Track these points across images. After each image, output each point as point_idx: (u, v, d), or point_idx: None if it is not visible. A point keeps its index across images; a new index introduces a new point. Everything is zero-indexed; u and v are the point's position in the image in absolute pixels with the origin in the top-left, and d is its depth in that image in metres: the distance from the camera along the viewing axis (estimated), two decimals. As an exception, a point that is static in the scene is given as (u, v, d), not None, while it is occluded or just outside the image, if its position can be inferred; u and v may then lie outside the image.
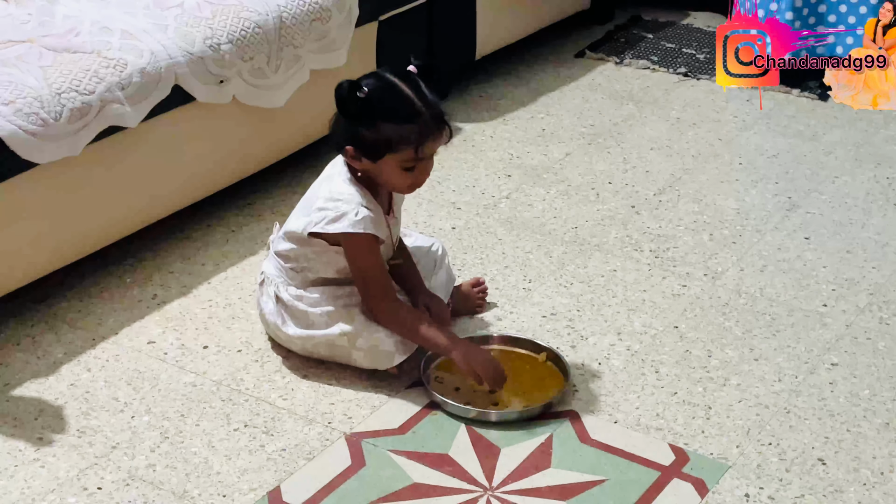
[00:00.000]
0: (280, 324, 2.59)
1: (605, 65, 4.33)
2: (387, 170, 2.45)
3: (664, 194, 3.39)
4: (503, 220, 3.24)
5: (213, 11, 3.02)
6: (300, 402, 2.50)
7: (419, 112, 2.40)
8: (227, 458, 2.34)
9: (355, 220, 2.44)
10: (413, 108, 2.40)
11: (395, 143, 2.40)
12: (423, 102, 2.41)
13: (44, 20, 2.88)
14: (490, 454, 2.35)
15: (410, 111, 2.40)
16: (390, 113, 2.40)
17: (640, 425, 2.43)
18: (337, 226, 2.45)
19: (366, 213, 2.45)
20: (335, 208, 2.46)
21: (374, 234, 2.46)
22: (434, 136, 2.43)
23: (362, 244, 2.47)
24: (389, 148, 2.40)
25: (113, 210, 2.90)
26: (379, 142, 2.41)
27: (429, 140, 2.42)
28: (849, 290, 2.90)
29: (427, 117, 2.40)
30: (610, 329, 2.75)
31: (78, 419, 2.45)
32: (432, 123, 2.42)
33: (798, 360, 2.64)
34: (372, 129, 2.40)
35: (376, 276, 2.50)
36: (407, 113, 2.39)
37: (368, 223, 2.45)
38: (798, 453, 2.35)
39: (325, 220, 2.46)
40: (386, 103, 2.40)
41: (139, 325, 2.77)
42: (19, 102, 2.58)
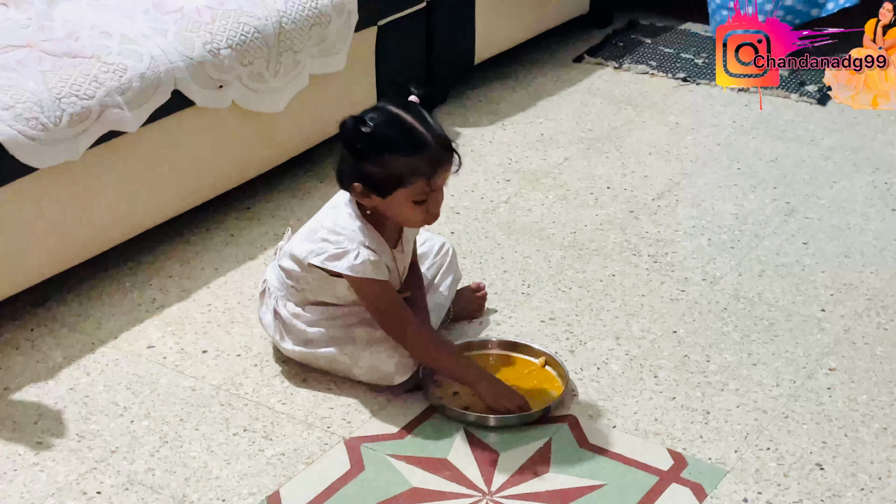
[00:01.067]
0: (279, 338, 2.59)
1: (604, 69, 4.33)
2: (397, 204, 2.39)
3: (663, 199, 3.38)
4: (502, 225, 3.24)
5: (212, 16, 3.02)
6: (299, 407, 2.50)
7: (427, 143, 2.34)
8: (226, 462, 2.34)
9: (354, 262, 2.40)
10: (421, 138, 2.34)
11: (405, 176, 2.34)
12: (430, 132, 2.35)
13: (43, 24, 2.87)
14: (489, 459, 2.35)
15: (418, 142, 2.34)
16: (397, 145, 2.34)
17: (639, 430, 2.43)
18: (336, 265, 2.41)
19: (366, 257, 2.40)
20: (337, 243, 2.43)
21: (374, 277, 2.42)
22: (444, 165, 2.37)
23: (367, 286, 2.44)
24: (400, 182, 2.35)
25: (112, 214, 2.90)
26: (388, 176, 2.35)
27: (440, 170, 2.37)
28: (847, 295, 2.90)
29: (435, 147, 2.35)
30: (608, 334, 2.75)
31: (77, 423, 2.45)
32: (441, 152, 2.36)
33: (796, 364, 2.63)
34: (380, 164, 2.35)
35: (389, 310, 2.46)
36: (415, 144, 2.34)
37: (368, 268, 2.41)
38: (796, 458, 2.34)
39: (326, 255, 2.43)
40: (392, 136, 2.34)
41: (138, 329, 2.77)
42: (19, 107, 2.58)
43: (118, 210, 2.91)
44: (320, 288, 2.53)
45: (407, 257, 2.59)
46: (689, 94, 4.13)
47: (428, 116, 2.39)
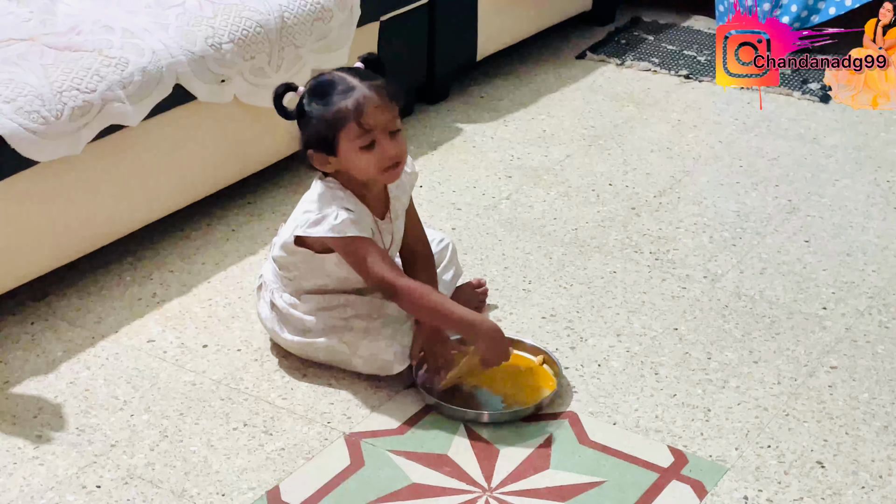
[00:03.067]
0: (277, 330, 2.59)
1: (606, 66, 4.33)
2: (347, 157, 2.42)
3: (664, 196, 3.38)
4: (503, 222, 3.24)
5: (214, 10, 3.02)
6: (299, 402, 2.50)
7: (353, 86, 2.38)
8: (226, 457, 2.34)
9: (335, 223, 2.41)
10: (346, 84, 2.39)
11: (335, 122, 2.38)
12: (359, 77, 2.40)
13: (45, 18, 2.88)
14: (489, 455, 2.35)
15: (344, 88, 2.39)
16: (326, 97, 2.39)
17: (640, 427, 2.42)
18: (317, 229, 2.43)
19: (345, 216, 2.42)
20: (317, 210, 2.45)
21: (357, 235, 2.43)
22: (375, 104, 2.38)
23: (351, 245, 2.44)
24: (334, 129, 2.39)
25: (113, 208, 2.90)
26: (325, 129, 2.40)
27: (369, 108, 2.38)
28: (848, 294, 2.90)
29: (363, 88, 2.38)
30: (609, 330, 2.75)
31: (77, 417, 2.45)
32: (369, 92, 2.38)
33: (797, 362, 2.63)
34: (315, 118, 2.40)
35: (374, 264, 2.44)
36: (341, 90, 2.39)
37: (349, 225, 2.42)
38: (797, 456, 2.34)
39: (307, 224, 2.45)
40: (317, 88, 2.42)
41: (139, 323, 2.77)
42: (20, 101, 2.59)
43: (119, 204, 2.91)
44: (310, 270, 2.53)
45: (399, 229, 2.59)
46: (691, 91, 4.12)
47: (365, 71, 2.44)
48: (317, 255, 2.51)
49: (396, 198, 2.58)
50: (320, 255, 2.50)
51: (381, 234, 2.54)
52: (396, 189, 2.58)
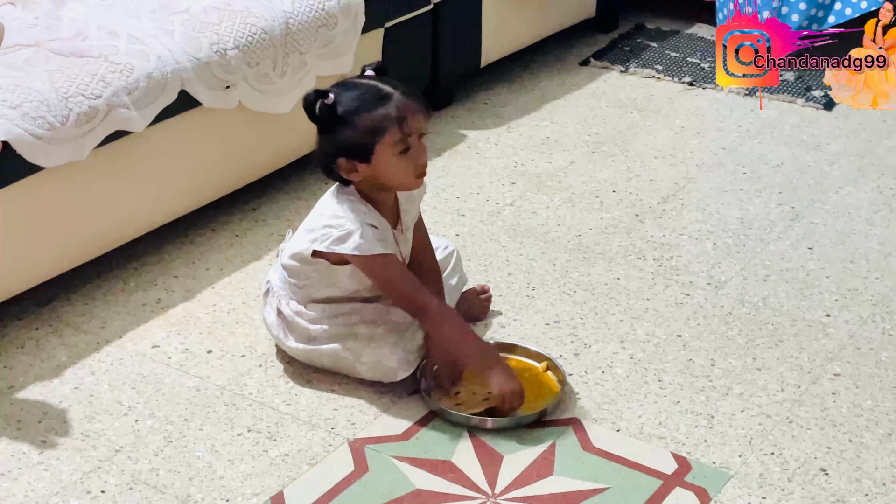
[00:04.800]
0: (282, 337, 2.59)
1: (610, 73, 4.32)
2: (383, 163, 2.42)
3: (668, 203, 3.38)
4: (507, 228, 3.24)
5: (219, 17, 3.02)
6: (303, 408, 2.50)
7: (389, 93, 2.40)
8: (230, 462, 2.34)
9: (360, 242, 2.41)
10: (382, 90, 2.41)
11: (378, 128, 2.38)
12: (389, 85, 2.42)
13: (50, 24, 2.87)
14: (493, 461, 2.35)
15: (381, 93, 2.40)
16: (362, 103, 2.40)
17: (643, 434, 2.43)
18: (343, 247, 2.43)
19: (371, 234, 2.42)
20: (340, 226, 2.44)
21: (383, 252, 2.44)
22: (413, 109, 2.41)
23: (377, 264, 2.45)
24: (375, 136, 2.39)
25: (117, 214, 2.90)
26: (363, 135, 2.39)
27: (409, 113, 2.40)
28: (852, 301, 2.90)
29: (398, 94, 2.40)
30: (613, 337, 2.75)
31: (82, 422, 2.45)
32: (407, 98, 2.41)
33: (801, 369, 2.63)
34: (352, 127, 2.40)
35: (402, 284, 2.47)
36: (378, 96, 2.40)
37: (374, 244, 2.43)
38: (800, 463, 2.34)
39: (331, 239, 2.44)
40: (355, 97, 2.41)
41: (143, 328, 2.77)
42: (26, 106, 2.58)
43: (124, 210, 2.91)
44: (322, 280, 2.53)
45: (408, 241, 2.60)
46: (694, 98, 4.12)
47: (387, 79, 2.46)
48: (332, 266, 2.51)
49: (406, 210, 2.59)
50: (334, 266, 2.50)
51: (399, 246, 2.55)
52: (406, 201, 2.58)
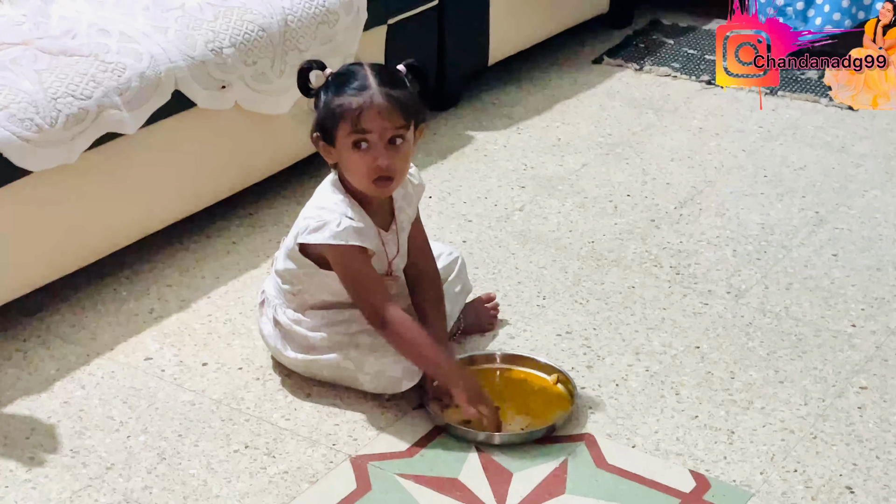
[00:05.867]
0: (280, 348, 2.57)
1: (624, 71, 4.33)
2: (343, 154, 2.41)
3: (685, 207, 3.36)
4: (516, 234, 3.22)
5: (215, 13, 3.02)
6: (303, 423, 2.48)
7: (367, 86, 2.37)
8: (226, 480, 2.32)
9: (336, 230, 2.40)
10: (364, 81, 2.38)
11: (335, 114, 2.38)
12: (380, 80, 2.39)
13: (39, 21, 2.88)
14: (502, 479, 2.32)
15: (360, 84, 2.37)
16: (338, 86, 2.39)
17: (660, 450, 2.40)
18: (317, 236, 2.42)
19: (349, 224, 2.41)
20: (317, 217, 2.44)
21: (359, 244, 2.42)
22: (380, 109, 2.36)
23: (347, 255, 2.43)
24: (334, 120, 2.39)
25: (109, 220, 2.90)
26: (325, 117, 2.41)
27: (370, 110, 2.36)
28: (878, 310, 2.87)
29: (375, 90, 2.37)
30: (628, 349, 2.72)
31: (71, 438, 2.43)
32: (380, 97, 2.37)
33: (825, 382, 2.60)
34: (323, 105, 2.42)
35: (367, 286, 2.45)
36: (356, 85, 2.38)
37: (351, 234, 2.41)
38: (825, 481, 2.31)
39: (308, 230, 2.44)
40: (337, 78, 2.42)
41: (135, 340, 2.76)
42: (13, 107, 2.58)
43: (115, 215, 2.91)
44: (314, 284, 2.52)
45: (401, 244, 2.57)
46: (713, 97, 4.12)
47: (395, 75, 2.42)
48: (321, 270, 2.49)
49: (402, 209, 2.57)
50: (323, 271, 2.49)
51: (386, 246, 2.53)
52: (402, 200, 2.57)
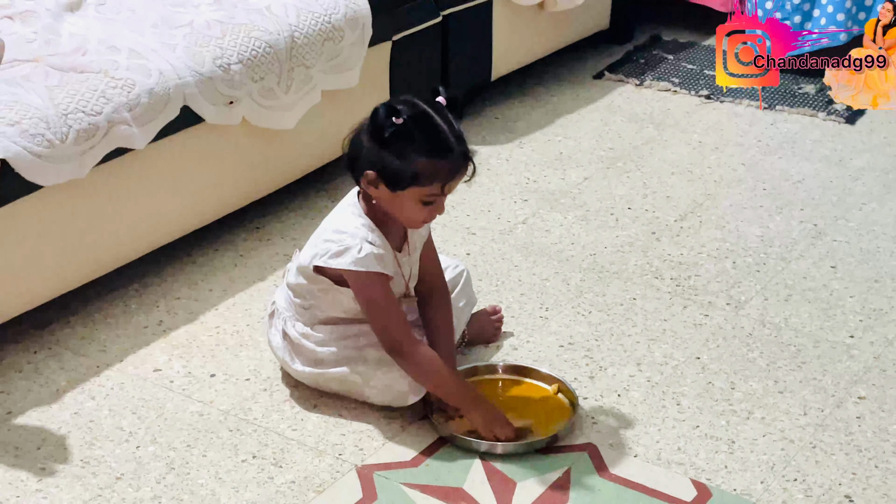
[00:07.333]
0: (288, 360, 2.57)
1: (625, 86, 4.33)
2: (404, 202, 2.38)
3: (685, 220, 3.36)
4: (519, 246, 3.22)
5: (222, 30, 3.01)
6: (310, 433, 2.48)
7: (451, 149, 2.35)
8: (234, 490, 2.32)
9: (358, 256, 2.39)
10: (446, 144, 2.34)
11: (423, 177, 2.34)
12: (455, 138, 2.37)
13: (50, 39, 2.87)
14: (506, 488, 2.32)
15: (443, 147, 2.34)
16: (424, 145, 2.33)
17: (661, 460, 2.40)
18: (339, 261, 2.41)
19: (370, 250, 2.40)
20: (339, 241, 2.42)
21: (380, 271, 2.41)
22: (461, 173, 2.39)
23: (368, 282, 2.42)
24: (416, 181, 2.35)
25: (118, 234, 2.90)
26: (406, 173, 2.35)
27: (456, 177, 2.38)
28: (877, 321, 2.87)
29: (458, 154, 2.36)
30: (629, 359, 2.72)
31: (81, 449, 2.43)
32: (461, 161, 2.38)
33: (824, 393, 2.60)
34: (402, 158, 2.34)
35: (388, 313, 2.44)
36: (440, 148, 2.34)
37: (372, 261, 2.40)
38: (824, 490, 2.31)
39: (329, 254, 2.42)
40: (421, 135, 2.34)
41: (144, 352, 2.76)
42: (24, 123, 2.57)
43: (124, 229, 2.91)
44: (327, 301, 2.51)
45: (414, 264, 2.57)
46: (712, 111, 4.11)
47: (453, 121, 2.40)
48: (335, 287, 2.49)
49: (414, 230, 2.55)
50: (337, 287, 2.49)
51: (402, 269, 2.53)
52: None
